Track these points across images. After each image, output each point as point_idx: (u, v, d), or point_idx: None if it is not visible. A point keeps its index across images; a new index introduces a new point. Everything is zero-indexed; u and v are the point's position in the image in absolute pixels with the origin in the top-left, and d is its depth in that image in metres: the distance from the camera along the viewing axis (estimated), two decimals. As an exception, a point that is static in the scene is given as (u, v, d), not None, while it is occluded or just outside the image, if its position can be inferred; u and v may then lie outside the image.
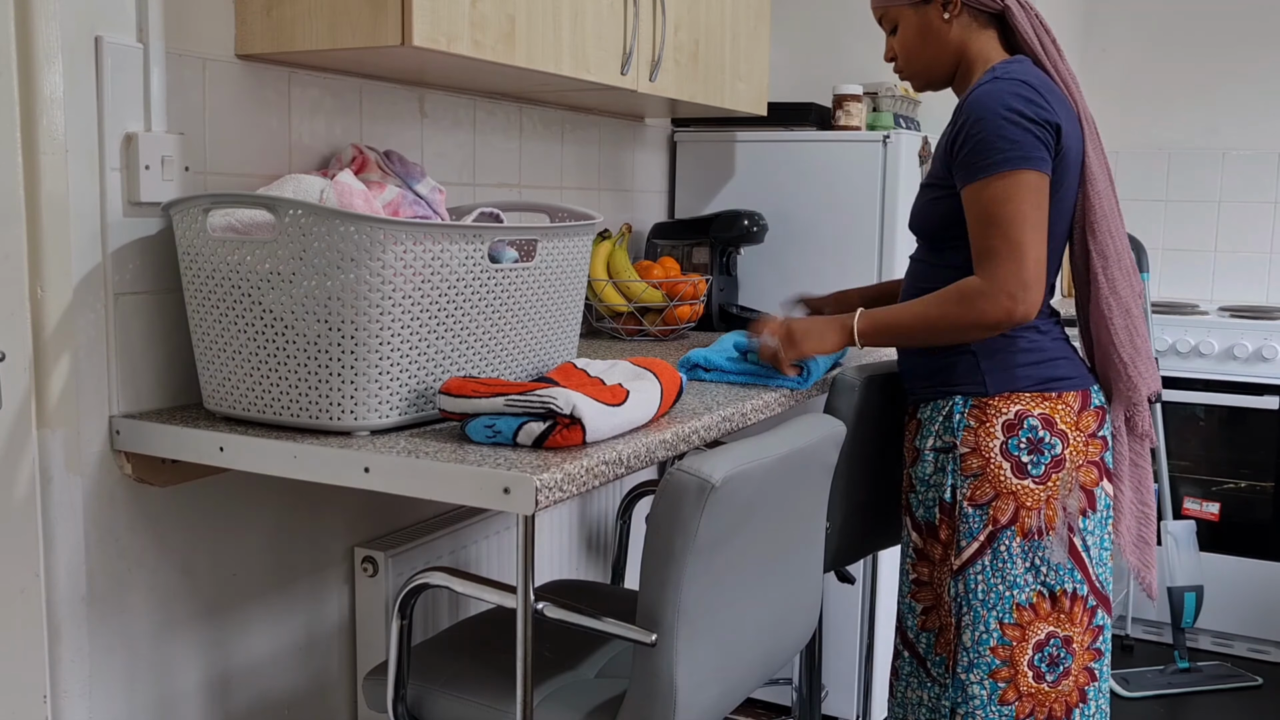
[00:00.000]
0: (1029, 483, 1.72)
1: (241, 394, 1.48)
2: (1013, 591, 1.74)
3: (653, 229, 2.70)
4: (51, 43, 1.41)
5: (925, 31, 1.78)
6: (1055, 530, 1.73)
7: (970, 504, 1.75)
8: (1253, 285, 3.79)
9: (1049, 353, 1.77)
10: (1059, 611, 1.74)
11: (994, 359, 1.75)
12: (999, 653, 1.74)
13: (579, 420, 1.38)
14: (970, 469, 1.75)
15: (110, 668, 1.56)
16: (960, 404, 1.76)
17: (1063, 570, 1.74)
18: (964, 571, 1.76)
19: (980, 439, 1.74)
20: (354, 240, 1.37)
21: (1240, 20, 3.72)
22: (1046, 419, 1.73)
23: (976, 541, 1.75)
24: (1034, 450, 1.73)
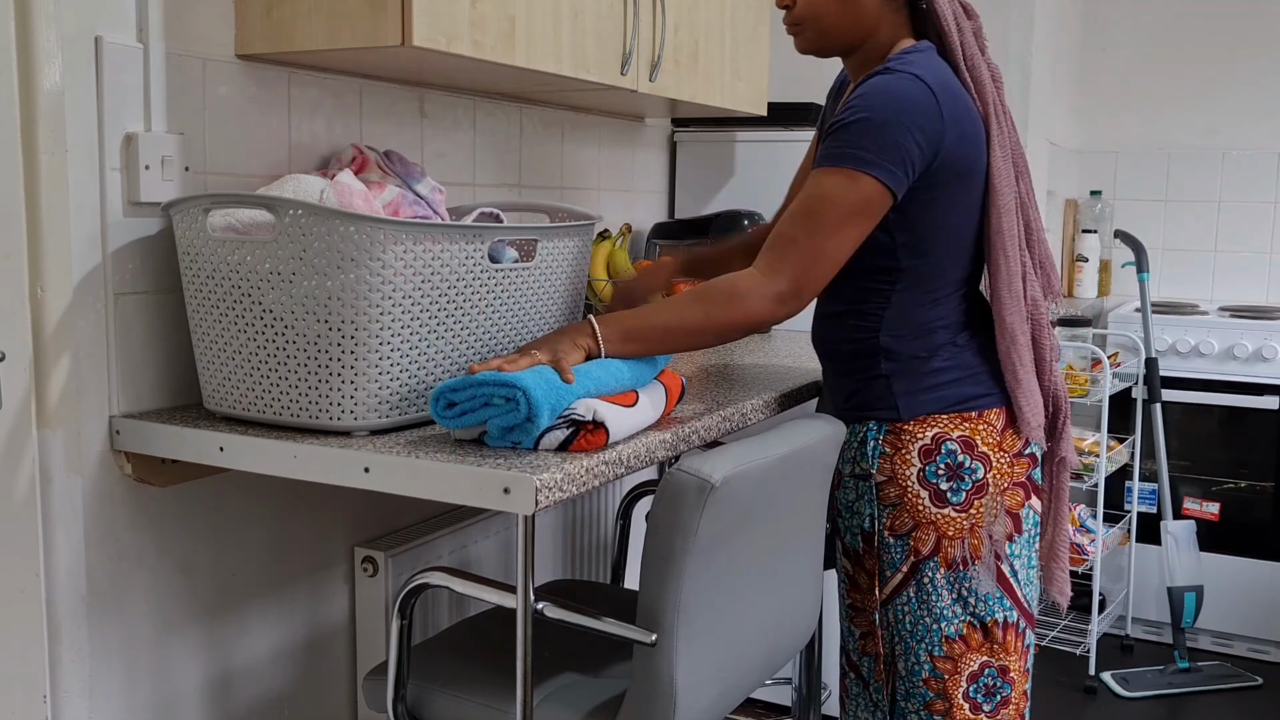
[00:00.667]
0: (949, 511, 1.62)
1: (241, 394, 1.48)
2: (940, 624, 1.65)
3: (653, 229, 2.70)
4: (51, 43, 1.41)
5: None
6: (982, 559, 1.63)
7: (890, 534, 1.66)
8: (1253, 285, 3.79)
9: (968, 368, 1.65)
10: (991, 642, 1.66)
11: (906, 380, 1.64)
12: (931, 685, 1.67)
13: (603, 424, 1.38)
14: (888, 498, 1.65)
15: (110, 668, 1.56)
16: (874, 429, 1.66)
17: (992, 600, 1.65)
18: (890, 603, 1.68)
19: (896, 466, 1.64)
20: (354, 240, 1.37)
21: (1240, 20, 3.72)
22: (966, 441, 1.63)
23: (900, 573, 1.66)
24: (954, 476, 1.62)
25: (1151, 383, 3.38)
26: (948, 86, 1.57)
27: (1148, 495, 3.52)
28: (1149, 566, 3.54)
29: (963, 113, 1.58)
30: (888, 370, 1.65)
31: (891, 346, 1.65)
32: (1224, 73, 3.76)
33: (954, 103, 1.57)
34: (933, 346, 1.65)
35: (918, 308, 1.64)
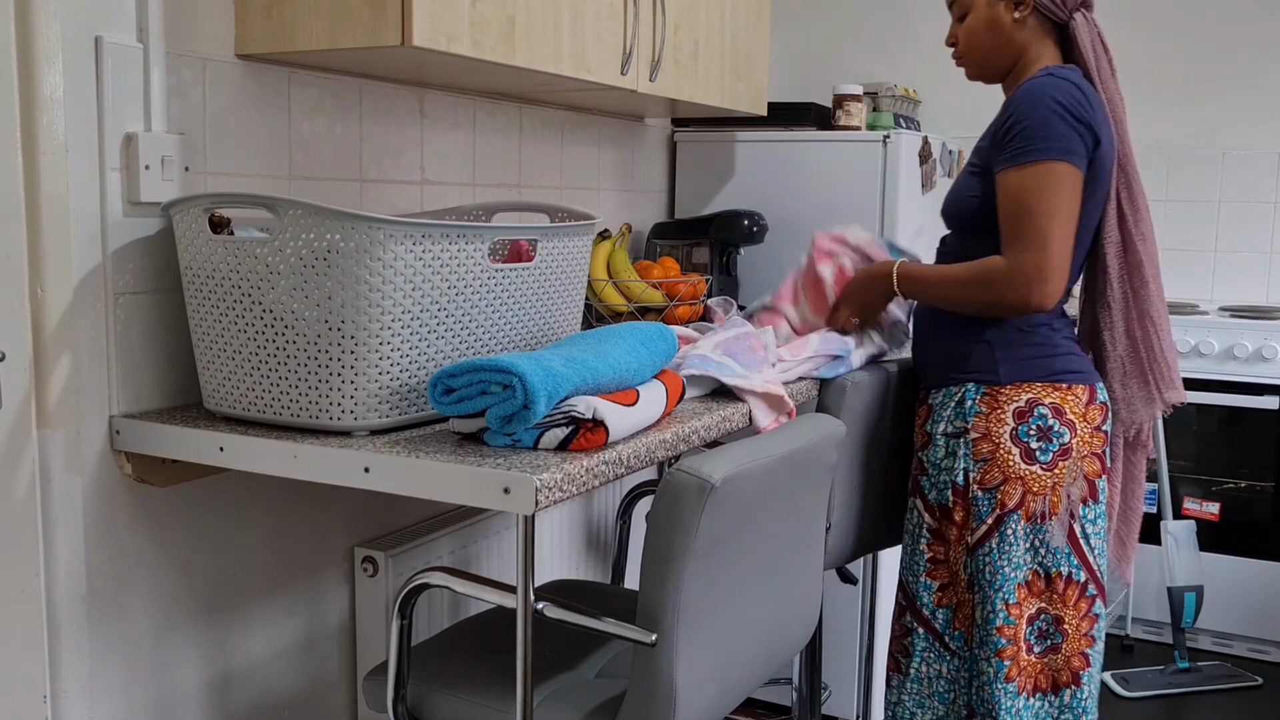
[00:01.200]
0: (1036, 468, 1.79)
1: (241, 394, 1.48)
2: (1015, 572, 1.81)
3: (653, 229, 2.70)
4: (51, 43, 1.41)
5: (993, 25, 1.84)
6: (1058, 515, 1.79)
7: (980, 487, 1.81)
8: (1253, 285, 3.79)
9: (1060, 348, 1.83)
10: (1051, 591, 1.82)
11: (1008, 349, 1.82)
12: (1005, 632, 1.81)
13: (602, 422, 1.39)
14: (981, 453, 1.81)
15: (110, 668, 1.56)
16: (973, 390, 1.83)
17: (1060, 554, 1.81)
18: (975, 551, 1.84)
19: (991, 425, 1.81)
20: (354, 240, 1.37)
21: (1240, 20, 3.72)
22: (1056, 408, 1.79)
23: (985, 524, 1.82)
24: (1043, 437, 1.79)
25: (1151, 383, 3.38)
26: (1094, 95, 1.78)
27: (1148, 495, 3.51)
28: (1149, 566, 3.54)
29: (1104, 119, 1.78)
30: (991, 337, 1.83)
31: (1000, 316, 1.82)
32: (1224, 73, 3.76)
33: (1100, 107, 1.78)
34: (1032, 323, 1.83)
35: None
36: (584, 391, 1.42)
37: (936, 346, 1.90)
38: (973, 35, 1.88)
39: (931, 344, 1.92)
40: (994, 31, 1.85)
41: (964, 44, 1.90)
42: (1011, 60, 1.87)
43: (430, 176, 2.07)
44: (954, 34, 1.92)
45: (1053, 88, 1.73)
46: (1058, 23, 1.84)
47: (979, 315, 1.81)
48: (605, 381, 1.45)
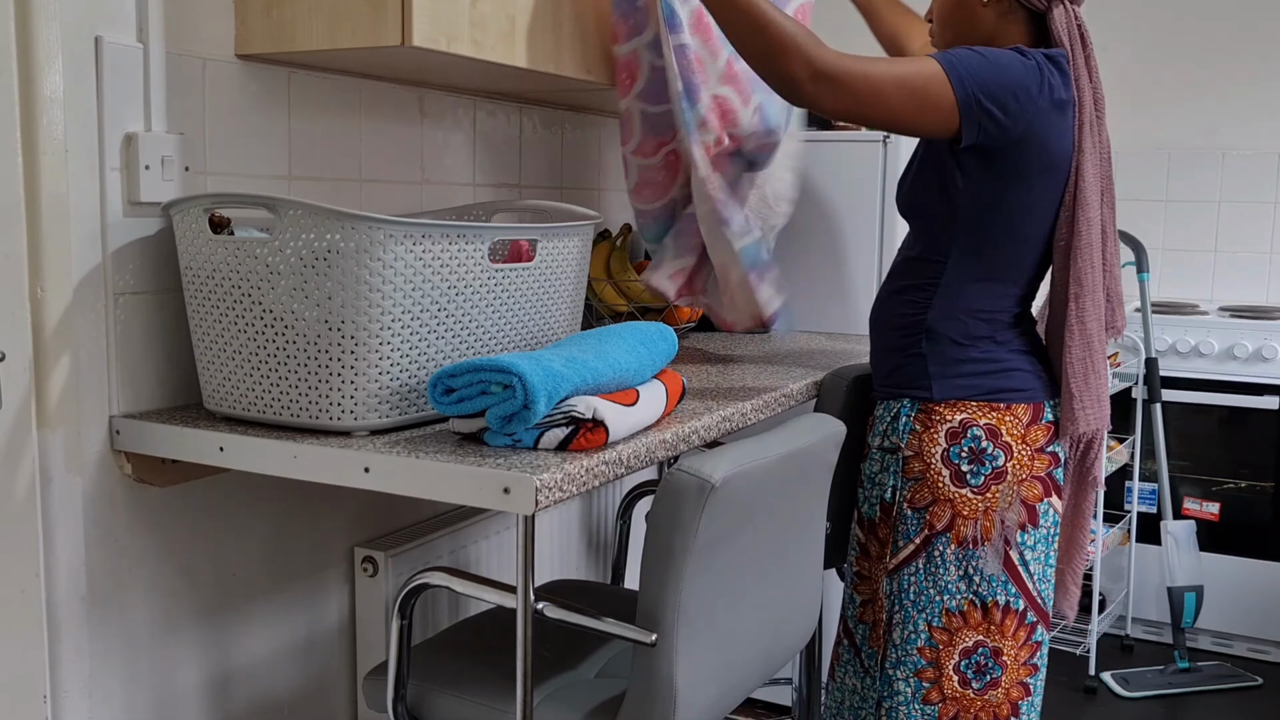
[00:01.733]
0: (967, 491, 1.71)
1: (241, 394, 1.48)
2: (943, 597, 1.74)
3: (653, 229, 2.70)
4: (51, 43, 1.41)
5: (960, 7, 1.77)
6: (991, 542, 1.71)
7: (909, 506, 1.75)
8: (1253, 285, 3.79)
9: (1003, 363, 1.74)
10: (989, 622, 1.73)
11: (943, 365, 1.74)
12: (925, 653, 1.75)
13: (602, 422, 1.39)
14: (912, 472, 1.75)
15: (110, 668, 1.56)
16: (908, 407, 1.76)
17: (995, 582, 1.73)
18: (898, 572, 1.77)
19: (924, 443, 1.74)
20: (353, 240, 1.37)
21: (1240, 20, 3.72)
22: (992, 429, 1.72)
23: (912, 544, 1.75)
24: (975, 460, 1.71)
25: (1151, 383, 3.38)
26: (1056, 83, 1.66)
27: (1148, 495, 3.52)
28: (1149, 566, 3.54)
29: (1063, 111, 1.67)
30: (926, 350, 1.75)
31: (934, 327, 1.75)
32: (1224, 73, 3.76)
33: (1055, 99, 1.65)
34: (972, 336, 1.74)
35: (967, 294, 1.74)
36: (584, 391, 1.42)
37: (880, 358, 1.83)
38: (943, 12, 1.80)
39: (877, 355, 1.85)
40: (961, 12, 1.77)
41: (935, 20, 1.83)
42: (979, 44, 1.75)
43: (430, 176, 2.07)
44: (932, 7, 1.85)
45: (1007, 54, 1.64)
46: (1035, 11, 1.73)
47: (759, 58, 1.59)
48: (605, 381, 1.45)
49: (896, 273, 1.83)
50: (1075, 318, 1.73)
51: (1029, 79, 1.63)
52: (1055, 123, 1.66)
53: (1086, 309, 1.73)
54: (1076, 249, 1.71)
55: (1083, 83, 1.71)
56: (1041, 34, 1.75)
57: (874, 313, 1.87)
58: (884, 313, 1.84)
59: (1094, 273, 1.73)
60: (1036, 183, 1.68)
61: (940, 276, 1.74)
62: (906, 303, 1.79)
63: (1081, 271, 1.72)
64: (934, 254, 1.75)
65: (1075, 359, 1.74)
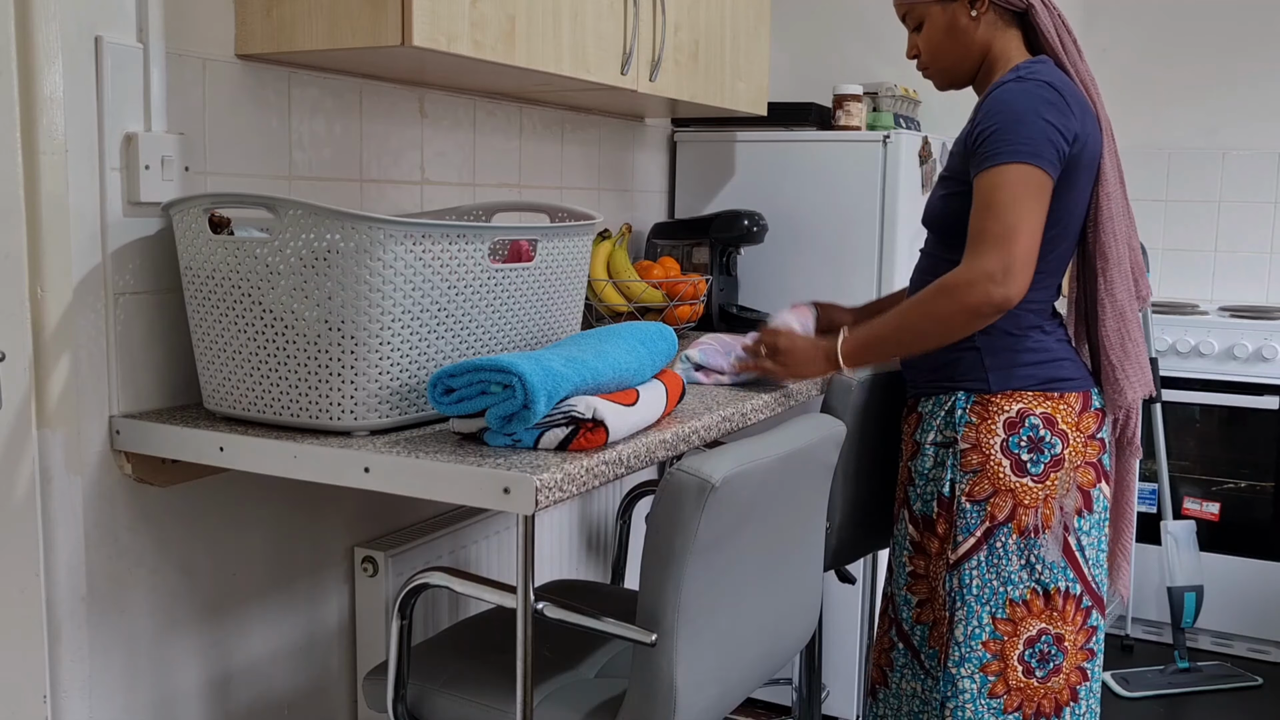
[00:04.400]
0: (1027, 480, 1.74)
1: (241, 394, 1.48)
2: (1007, 587, 1.75)
3: (653, 229, 2.70)
4: (51, 43, 1.41)
5: (952, 29, 1.79)
6: (1051, 529, 1.74)
7: (968, 499, 1.76)
8: (1253, 285, 3.79)
9: (1053, 353, 1.78)
10: (1051, 609, 1.76)
11: (998, 356, 1.76)
12: (990, 647, 1.76)
13: (602, 422, 1.39)
14: (970, 465, 1.76)
15: (110, 668, 1.56)
16: (963, 400, 1.78)
17: (1056, 568, 1.75)
18: (959, 566, 1.78)
19: (981, 435, 1.76)
20: (353, 240, 1.37)
21: (1240, 20, 3.72)
22: (1048, 418, 1.75)
23: (973, 537, 1.76)
24: (1034, 449, 1.74)
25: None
26: (1069, 85, 1.71)
27: (1148, 495, 3.51)
28: (1149, 566, 3.53)
29: (1085, 109, 1.72)
30: (979, 343, 1.77)
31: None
32: (1224, 73, 3.76)
33: (1077, 99, 1.71)
34: (1023, 326, 1.77)
35: None
36: (584, 391, 1.42)
37: (923, 356, 1.82)
38: (933, 43, 1.81)
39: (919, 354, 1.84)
40: (955, 35, 1.79)
41: (926, 54, 1.84)
42: (977, 61, 1.81)
43: (430, 176, 2.07)
44: (914, 45, 1.85)
45: (1022, 92, 1.66)
46: (1017, 12, 1.77)
47: (951, 336, 1.69)
48: (605, 381, 1.45)
49: (933, 270, 1.81)
50: (1105, 292, 1.79)
51: (1055, 100, 1.66)
52: (1085, 120, 1.71)
53: (1114, 280, 1.78)
54: (1099, 224, 1.77)
55: (1080, 70, 1.76)
56: (1029, 35, 1.79)
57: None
58: None
59: (1117, 245, 1.78)
60: (1080, 177, 1.73)
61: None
62: None
63: (1105, 245, 1.78)
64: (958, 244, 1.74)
65: (1110, 330, 1.80)
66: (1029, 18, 1.77)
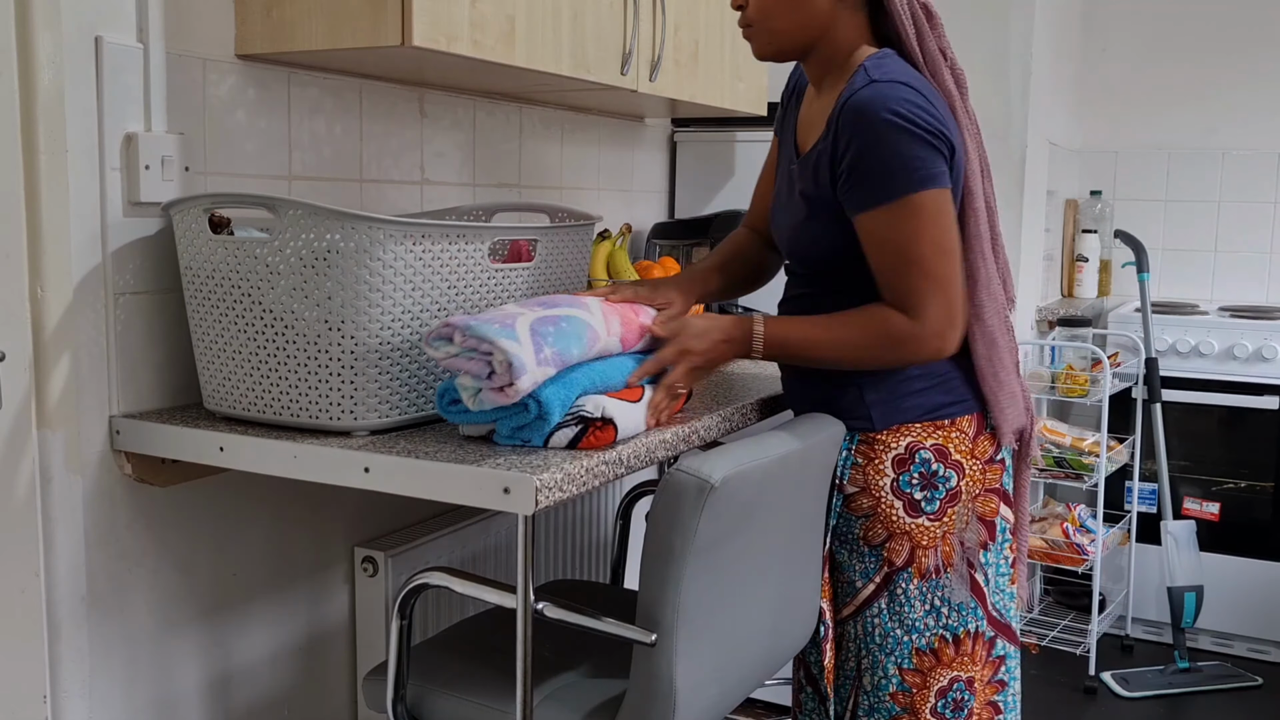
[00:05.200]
0: (923, 520, 1.61)
1: (241, 394, 1.48)
2: (911, 636, 1.63)
3: (653, 229, 2.70)
4: (51, 43, 1.41)
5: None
6: (954, 567, 1.62)
7: (865, 543, 1.64)
8: (1253, 285, 3.79)
9: (937, 375, 1.62)
10: (961, 655, 1.64)
11: (880, 390, 1.61)
12: (899, 699, 1.64)
13: (611, 420, 1.39)
14: (860, 509, 1.63)
15: (110, 668, 1.56)
16: (846, 441, 1.63)
17: (965, 610, 1.63)
18: (860, 614, 1.65)
19: (869, 477, 1.62)
20: (353, 240, 1.37)
21: (1240, 20, 3.72)
22: (940, 450, 1.61)
23: (872, 583, 1.64)
24: (927, 486, 1.61)
25: (1151, 383, 3.38)
26: (925, 84, 1.54)
27: (1148, 495, 3.52)
28: (1149, 566, 3.54)
29: (945, 110, 1.55)
30: (857, 379, 1.62)
31: None
32: (1224, 73, 3.76)
33: (939, 100, 1.55)
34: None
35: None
36: (593, 391, 1.43)
37: (801, 389, 1.68)
38: (767, 4, 1.57)
39: (796, 384, 1.70)
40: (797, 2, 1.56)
41: (756, 8, 1.58)
42: (813, 35, 1.58)
43: (430, 176, 2.07)
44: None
45: (887, 100, 1.47)
46: None
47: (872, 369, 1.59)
48: (615, 383, 1.46)
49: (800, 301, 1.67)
50: (973, 316, 1.61)
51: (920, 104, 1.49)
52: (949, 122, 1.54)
53: (983, 303, 1.61)
54: (966, 243, 1.59)
55: (937, 61, 1.58)
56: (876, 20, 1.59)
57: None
58: None
59: (986, 265, 1.60)
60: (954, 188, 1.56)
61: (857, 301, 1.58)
62: None
63: (973, 265, 1.60)
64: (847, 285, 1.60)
65: (980, 358, 1.62)
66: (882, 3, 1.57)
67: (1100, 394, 3.17)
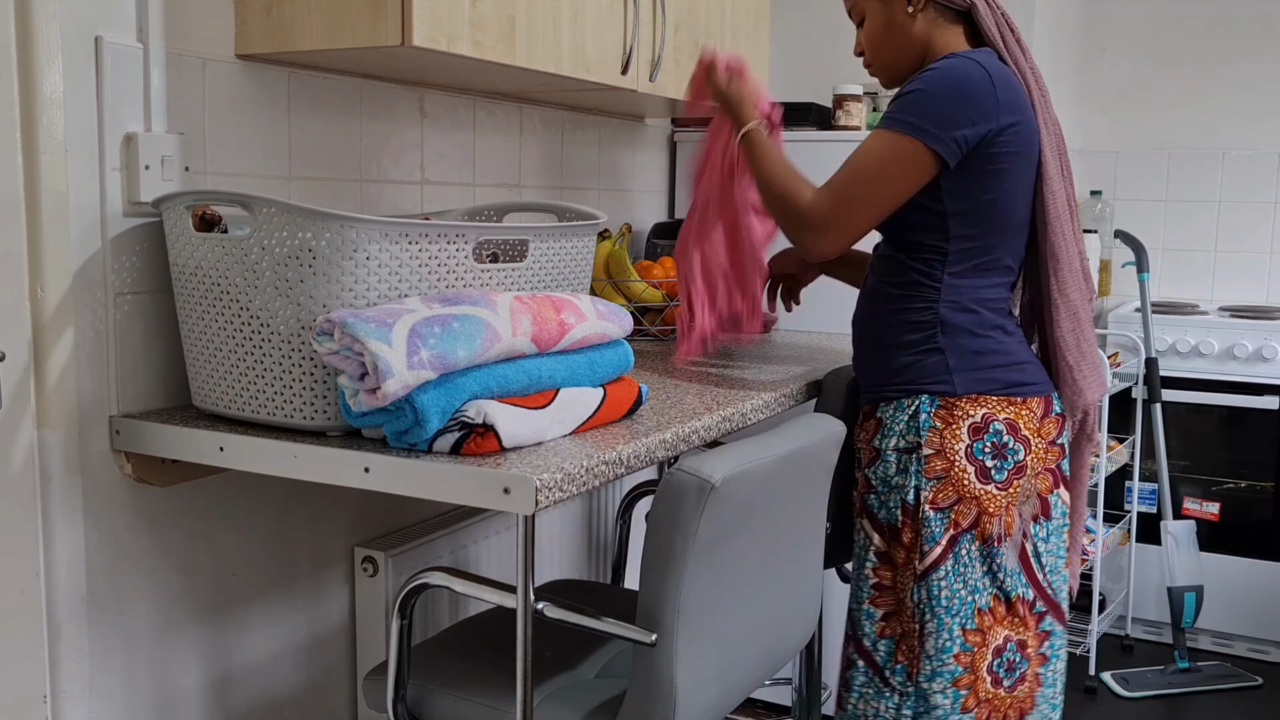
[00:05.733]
0: (992, 488, 1.70)
1: (224, 391, 1.47)
2: (974, 596, 1.72)
3: (653, 229, 2.70)
4: (51, 43, 1.41)
5: (890, 25, 1.76)
6: (1012, 536, 1.72)
7: (932, 507, 1.71)
8: (1253, 285, 3.79)
9: (1015, 356, 1.75)
10: (1013, 616, 1.74)
11: (963, 358, 1.72)
12: (961, 659, 1.72)
13: (492, 426, 1.34)
14: (934, 471, 1.71)
15: (110, 668, 1.56)
16: (927, 403, 1.72)
17: (1015, 575, 1.73)
18: (927, 577, 1.72)
19: (946, 440, 1.71)
20: (325, 239, 1.36)
21: (1240, 20, 3.72)
22: (1011, 424, 1.72)
23: (939, 545, 1.71)
24: (998, 455, 1.71)
25: (1151, 383, 3.38)
26: (1003, 73, 1.68)
27: (1148, 495, 3.51)
28: (1149, 566, 3.54)
29: (1018, 99, 1.69)
30: (943, 344, 1.73)
31: (949, 319, 1.73)
32: (1224, 73, 3.76)
33: (1009, 88, 1.68)
34: (986, 327, 1.74)
35: (971, 286, 1.73)
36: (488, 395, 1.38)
37: (883, 357, 1.78)
38: (874, 39, 1.79)
39: (876, 354, 1.80)
40: (893, 31, 1.76)
41: (869, 50, 1.81)
42: (917, 56, 1.77)
43: (430, 176, 2.07)
44: (859, 41, 1.83)
45: (949, 67, 1.65)
46: (959, 10, 1.74)
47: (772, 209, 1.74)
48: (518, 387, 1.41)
49: (887, 271, 1.79)
50: (1058, 292, 1.75)
51: (977, 76, 1.64)
52: (1016, 105, 1.68)
53: (1067, 280, 1.75)
54: (1047, 223, 1.74)
55: (1022, 67, 1.73)
56: (972, 32, 1.76)
57: (867, 311, 1.83)
58: (882, 310, 1.79)
59: (1067, 244, 1.75)
60: (1015, 164, 1.69)
61: (943, 270, 1.73)
62: (912, 298, 1.75)
63: (1056, 245, 1.74)
64: (931, 251, 1.73)
65: (1065, 332, 1.76)
66: (972, 17, 1.74)
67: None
